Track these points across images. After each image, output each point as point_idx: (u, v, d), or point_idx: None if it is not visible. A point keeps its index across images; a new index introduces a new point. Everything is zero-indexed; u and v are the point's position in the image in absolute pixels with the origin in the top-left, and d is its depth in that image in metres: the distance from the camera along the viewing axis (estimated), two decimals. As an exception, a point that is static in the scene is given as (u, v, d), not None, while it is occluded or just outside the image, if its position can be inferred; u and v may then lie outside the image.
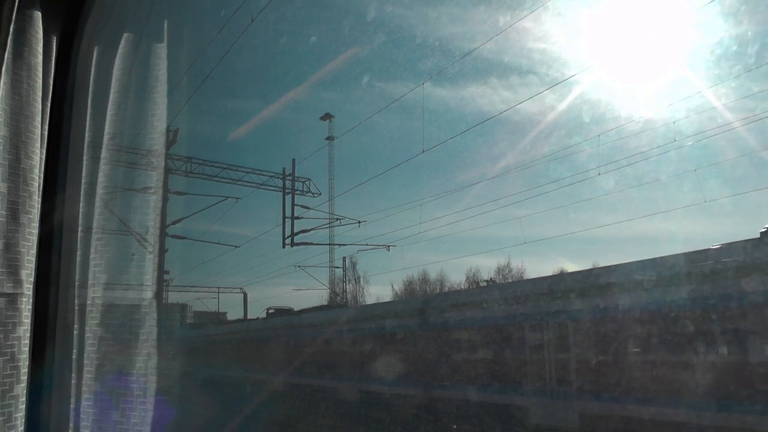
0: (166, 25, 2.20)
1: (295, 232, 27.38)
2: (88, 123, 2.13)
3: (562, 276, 16.02)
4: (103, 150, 2.10)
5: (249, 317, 35.34)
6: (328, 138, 43.27)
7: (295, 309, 29.64)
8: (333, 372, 21.03)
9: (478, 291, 21.38)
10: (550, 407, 13.38)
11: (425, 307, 18.49)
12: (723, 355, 10.65)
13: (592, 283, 13.00)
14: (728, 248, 10.75)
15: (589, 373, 12.73)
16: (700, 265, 10.92)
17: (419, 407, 16.78)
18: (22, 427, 1.75)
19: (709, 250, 11.06)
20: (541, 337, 13.89)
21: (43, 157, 1.91)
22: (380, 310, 21.85)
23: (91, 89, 2.15)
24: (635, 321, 11.84)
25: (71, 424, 1.98)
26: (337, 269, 45.43)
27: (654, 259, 11.89)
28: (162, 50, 2.16)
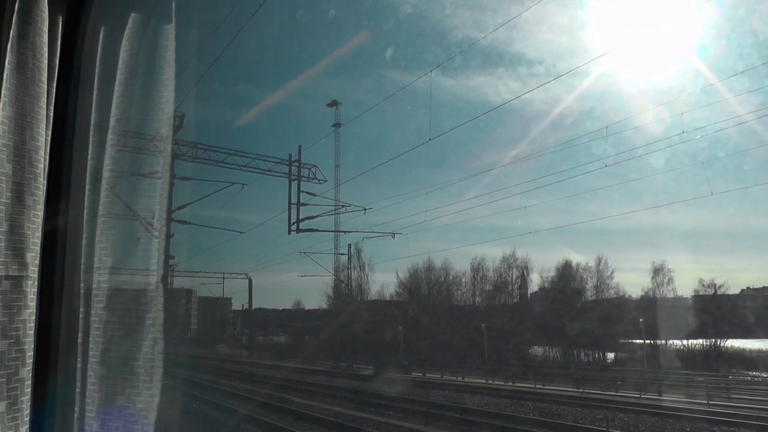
0: (174, 6, 2.16)
1: (300, 218, 27.44)
2: (94, 105, 2.10)
3: None
4: (109, 133, 2.07)
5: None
6: (334, 125, 43.29)
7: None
8: None
9: None
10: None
11: None
12: None
13: None
14: None
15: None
16: None
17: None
18: (28, 411, 1.74)
19: None
20: None
21: (49, 138, 1.89)
22: None
23: (97, 71, 2.11)
24: None
25: (77, 409, 1.97)
26: (342, 256, 45.58)
27: None
28: (170, 32, 2.12)
